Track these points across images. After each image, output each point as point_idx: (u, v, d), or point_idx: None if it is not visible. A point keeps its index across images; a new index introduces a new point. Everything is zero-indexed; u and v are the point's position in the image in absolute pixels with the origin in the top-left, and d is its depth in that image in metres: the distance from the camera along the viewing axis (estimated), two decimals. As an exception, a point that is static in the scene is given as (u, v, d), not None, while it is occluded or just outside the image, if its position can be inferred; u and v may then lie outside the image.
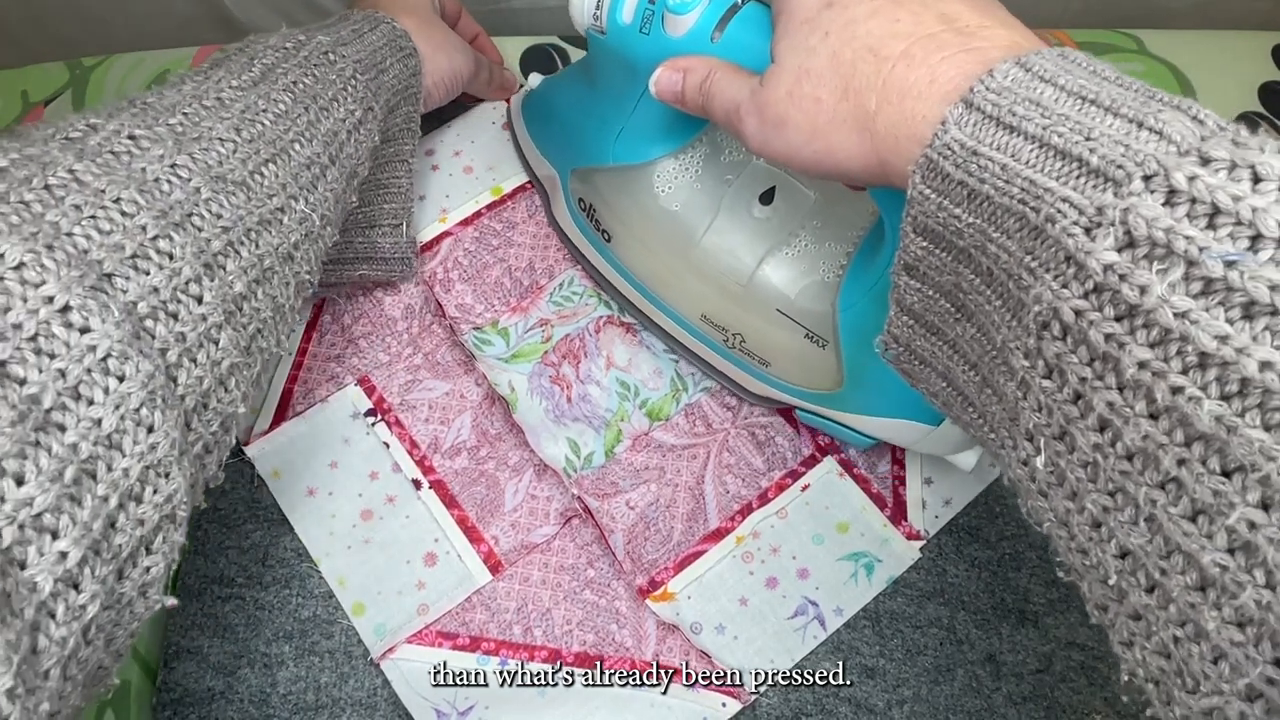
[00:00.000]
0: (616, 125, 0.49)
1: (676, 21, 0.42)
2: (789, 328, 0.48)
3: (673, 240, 0.50)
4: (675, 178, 0.50)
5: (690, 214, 0.50)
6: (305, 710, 0.47)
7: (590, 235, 0.55)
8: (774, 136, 0.36)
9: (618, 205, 0.52)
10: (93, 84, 0.67)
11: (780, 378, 0.50)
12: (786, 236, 0.48)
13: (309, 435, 0.53)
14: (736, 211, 0.49)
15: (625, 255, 0.53)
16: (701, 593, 0.49)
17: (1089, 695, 0.47)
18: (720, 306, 0.50)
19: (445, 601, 0.49)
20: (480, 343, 0.55)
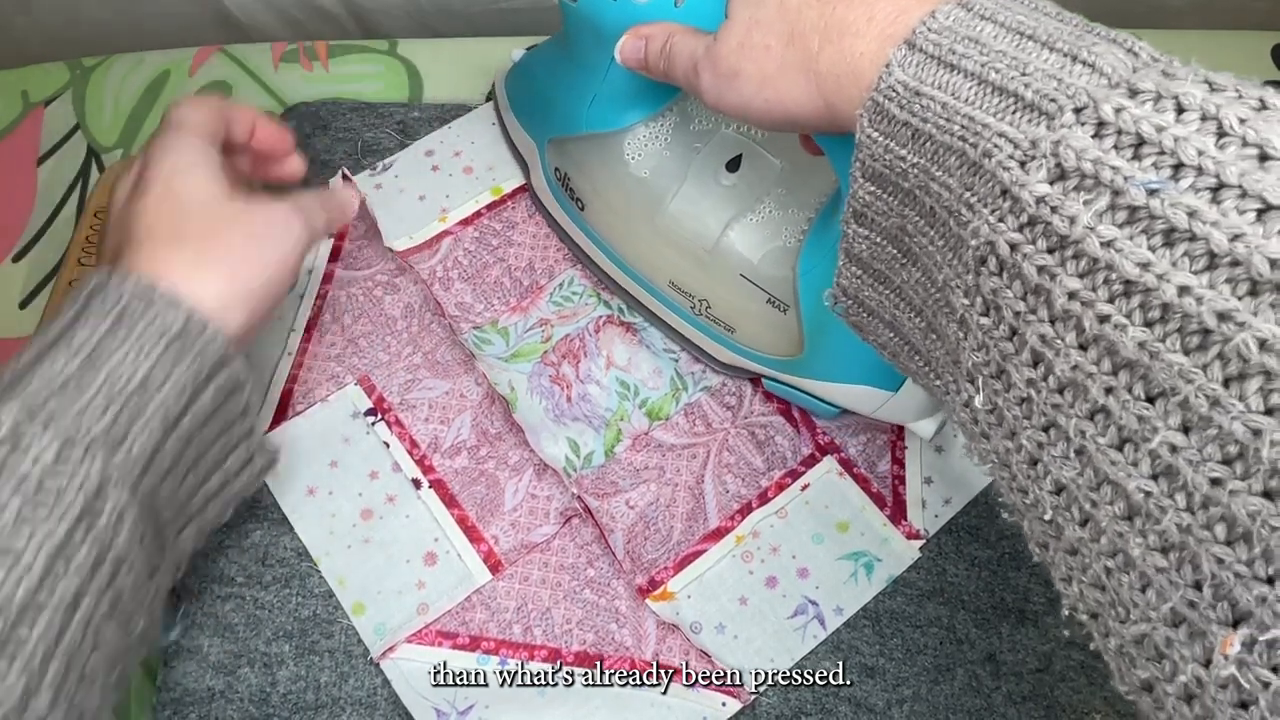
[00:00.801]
0: (589, 93, 0.50)
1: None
2: (752, 293, 0.49)
3: (642, 206, 0.52)
4: (645, 145, 0.51)
5: (659, 180, 0.51)
6: (305, 709, 0.47)
7: (565, 204, 0.56)
8: (727, 89, 0.37)
9: (590, 173, 0.53)
10: (93, 84, 0.67)
11: (745, 344, 0.51)
12: (752, 203, 0.50)
13: (309, 435, 0.53)
14: (703, 178, 0.50)
15: (597, 223, 0.54)
16: (701, 592, 0.49)
17: (1089, 695, 0.47)
18: (687, 272, 0.51)
19: (445, 601, 0.49)
20: (480, 342, 0.55)
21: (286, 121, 0.64)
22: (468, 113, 0.64)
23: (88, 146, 0.65)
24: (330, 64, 0.67)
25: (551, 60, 0.55)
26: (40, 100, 0.67)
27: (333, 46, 0.68)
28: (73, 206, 0.62)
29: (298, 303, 0.57)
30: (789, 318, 0.48)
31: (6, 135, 0.65)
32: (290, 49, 0.68)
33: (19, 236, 0.62)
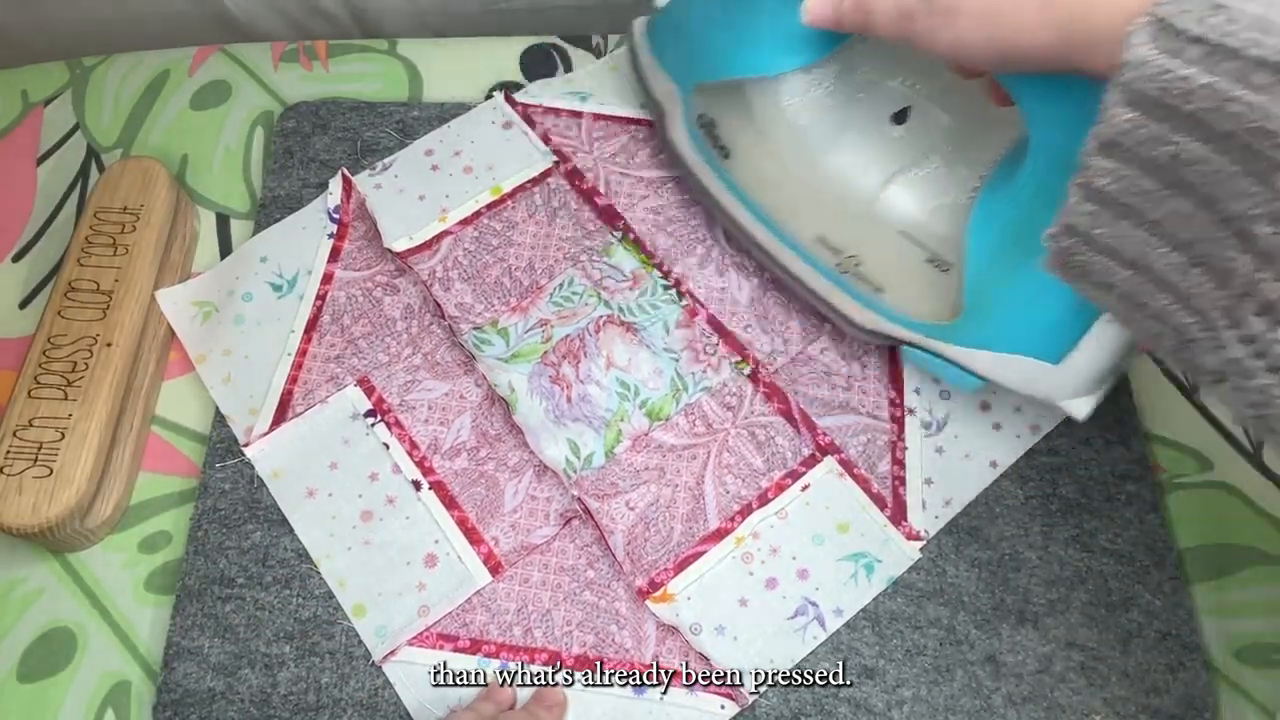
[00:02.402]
0: (750, 36, 0.49)
1: None
2: (911, 250, 0.47)
3: (796, 156, 0.50)
4: (806, 92, 0.50)
5: (818, 130, 0.50)
6: (306, 711, 0.47)
7: (706, 153, 0.54)
8: (944, 27, 0.35)
9: (741, 119, 0.51)
10: (93, 84, 0.67)
11: (893, 306, 0.49)
12: (917, 158, 0.48)
13: (309, 436, 0.53)
14: (867, 130, 0.49)
15: (742, 173, 0.52)
16: (701, 593, 0.49)
17: (1089, 695, 0.47)
18: (838, 227, 0.49)
19: (446, 603, 0.49)
20: (480, 342, 0.55)
21: (286, 121, 0.64)
22: (467, 112, 0.64)
23: (87, 146, 0.65)
24: (330, 64, 0.67)
25: (707, 2, 0.53)
26: (40, 100, 0.67)
27: (333, 46, 0.68)
28: (73, 206, 0.62)
29: (297, 303, 0.57)
30: (949, 278, 0.46)
31: (6, 135, 0.65)
32: (290, 49, 0.68)
33: (19, 236, 0.62)
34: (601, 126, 0.62)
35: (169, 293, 0.57)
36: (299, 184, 0.61)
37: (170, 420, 0.55)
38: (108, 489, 0.51)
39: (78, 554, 0.52)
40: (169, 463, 0.54)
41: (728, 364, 0.54)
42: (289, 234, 0.59)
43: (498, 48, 0.68)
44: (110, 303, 0.53)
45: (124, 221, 0.56)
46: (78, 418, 0.50)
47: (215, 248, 0.61)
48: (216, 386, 0.55)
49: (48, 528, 0.48)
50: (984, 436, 0.53)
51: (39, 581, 0.51)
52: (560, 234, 0.59)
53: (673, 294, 0.56)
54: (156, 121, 0.65)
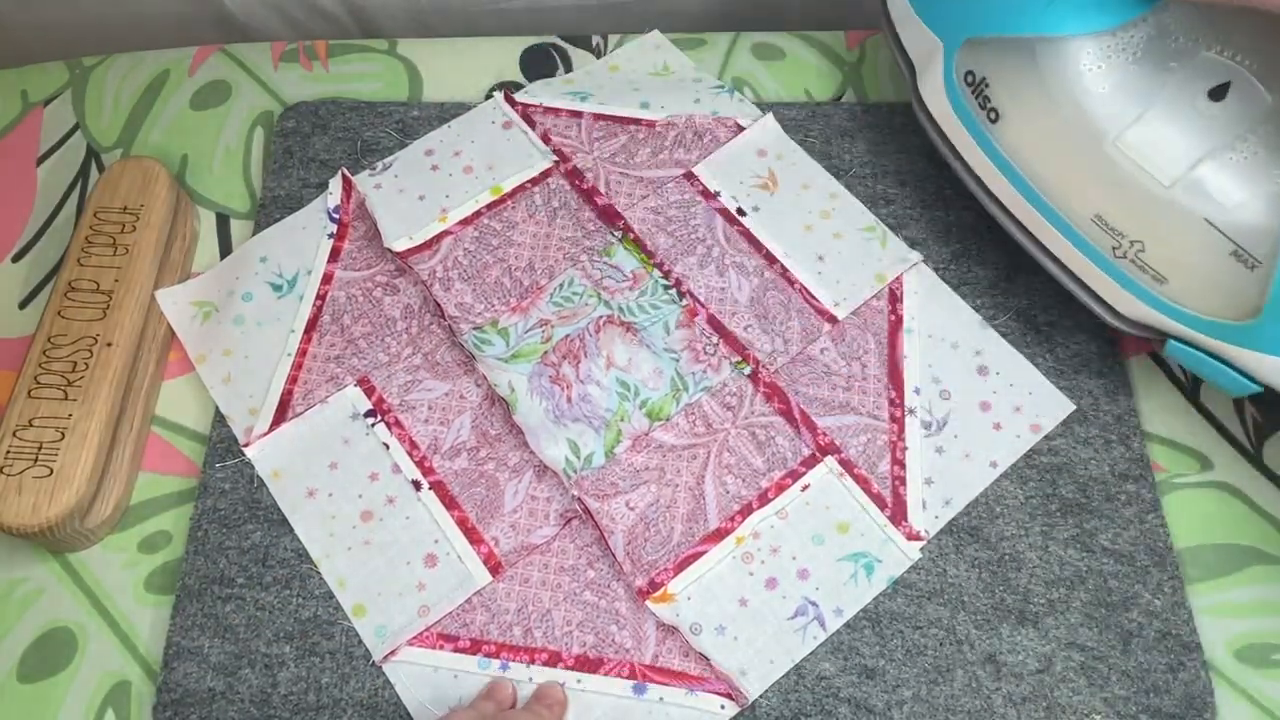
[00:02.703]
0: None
1: None
2: (1214, 241, 0.44)
3: (1087, 127, 0.46)
4: (1109, 56, 0.46)
5: (1119, 100, 0.45)
6: (306, 711, 0.47)
7: (969, 114, 0.50)
8: None
9: (1021, 81, 0.47)
10: (93, 84, 0.67)
11: (1174, 299, 0.46)
12: (1232, 140, 0.44)
13: (309, 436, 0.53)
14: (1178, 104, 0.45)
15: (1012, 138, 0.49)
16: (701, 594, 0.49)
17: (1089, 695, 0.47)
18: (1126, 208, 0.46)
19: (446, 603, 0.49)
20: (480, 342, 0.55)
21: (286, 121, 0.64)
22: (467, 112, 0.63)
23: (87, 146, 0.65)
24: (330, 63, 0.67)
25: None
26: (40, 100, 0.67)
27: (332, 46, 0.68)
28: (73, 206, 0.62)
29: (297, 303, 0.57)
30: (1255, 276, 0.42)
31: (6, 135, 0.65)
32: (290, 48, 0.68)
33: (19, 236, 0.62)
34: (601, 126, 0.62)
35: (169, 293, 0.57)
36: (299, 184, 0.61)
37: (170, 420, 0.55)
38: (108, 489, 0.51)
39: (78, 554, 0.52)
40: (169, 463, 0.54)
41: (728, 364, 0.54)
42: (289, 234, 0.59)
43: (498, 48, 0.68)
44: (110, 303, 0.53)
45: (124, 221, 0.56)
46: (78, 418, 0.50)
47: (215, 248, 0.61)
48: (216, 386, 0.55)
49: (48, 528, 0.48)
50: (984, 436, 0.53)
51: (39, 581, 0.51)
52: (560, 234, 0.59)
53: (673, 294, 0.56)
54: (156, 121, 0.65)
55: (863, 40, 0.68)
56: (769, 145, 0.62)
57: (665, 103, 0.63)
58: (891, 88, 0.66)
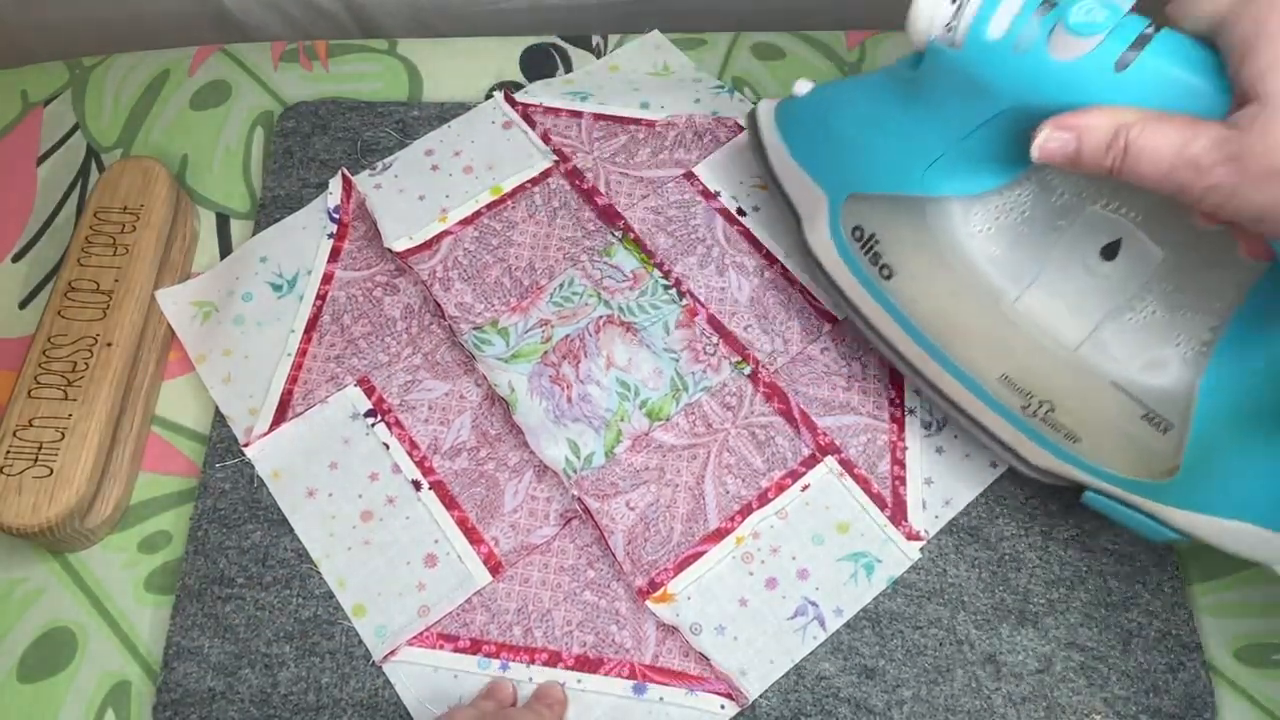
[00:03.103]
0: (933, 152, 0.43)
1: (1070, 43, 0.35)
2: (1123, 404, 0.42)
3: (984, 290, 0.44)
4: (997, 218, 0.43)
5: (1011, 263, 0.43)
6: (306, 711, 0.47)
7: (861, 268, 0.48)
8: (1256, 190, 0.31)
9: (911, 240, 0.45)
10: (92, 84, 0.67)
11: (1088, 456, 0.44)
12: (1130, 299, 0.42)
13: (308, 436, 0.53)
14: (1071, 264, 0.43)
15: (907, 297, 0.47)
16: (701, 593, 0.49)
17: (1089, 695, 0.47)
18: (1032, 370, 0.44)
19: (446, 603, 0.49)
20: (480, 342, 0.55)
21: (286, 121, 0.64)
22: (467, 112, 0.64)
23: (87, 146, 0.65)
24: (330, 63, 0.67)
25: (871, 104, 0.46)
26: (40, 100, 0.67)
27: (332, 46, 0.68)
28: (73, 206, 0.62)
29: (297, 303, 0.57)
30: (1168, 438, 0.41)
31: (6, 135, 0.65)
32: (290, 48, 0.68)
33: (19, 236, 0.62)
34: (601, 126, 0.62)
35: (169, 293, 0.57)
36: (299, 184, 0.61)
37: (170, 420, 0.55)
38: (108, 489, 0.51)
39: (78, 554, 0.52)
40: (169, 463, 0.54)
41: (728, 364, 0.54)
42: (289, 234, 0.59)
43: (498, 48, 0.68)
44: (110, 303, 0.54)
45: (124, 221, 0.56)
46: (78, 418, 0.50)
47: (215, 248, 0.61)
48: (216, 386, 0.55)
49: (48, 528, 0.48)
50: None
51: (39, 581, 0.51)
52: (560, 234, 0.59)
53: (673, 294, 0.56)
54: (156, 121, 0.65)
55: (863, 40, 0.68)
56: (769, 145, 0.62)
57: (665, 103, 0.63)
58: (891, 88, 0.66)
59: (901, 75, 0.43)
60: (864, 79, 0.48)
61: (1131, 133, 0.33)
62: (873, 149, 0.46)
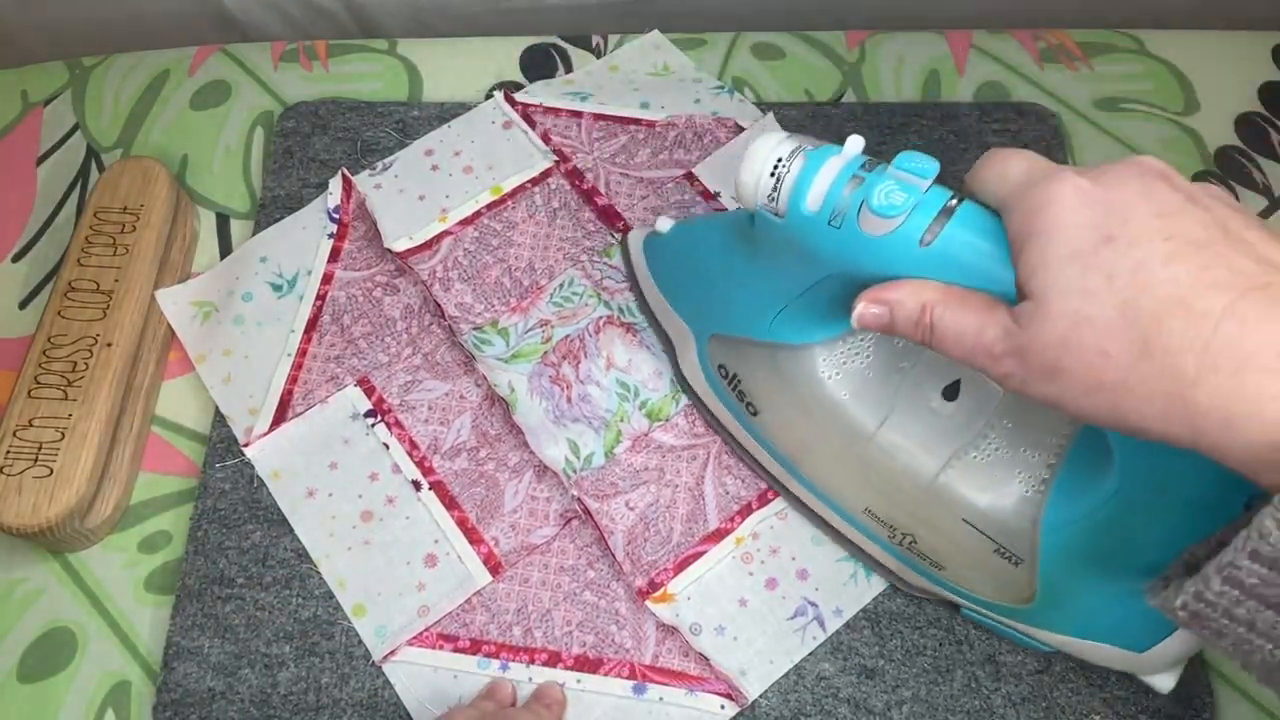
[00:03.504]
0: (778, 304, 0.44)
1: (878, 223, 0.36)
2: (976, 540, 0.43)
3: (839, 432, 0.45)
4: (843, 363, 0.45)
5: (861, 405, 0.45)
6: (306, 711, 0.47)
7: (730, 404, 0.49)
8: (1042, 383, 0.31)
9: (770, 382, 0.47)
10: (92, 84, 0.67)
11: (954, 583, 0.46)
12: (973, 437, 0.43)
13: (308, 436, 0.53)
14: (915, 405, 0.44)
15: (774, 434, 0.48)
16: (701, 594, 0.49)
17: (1088, 695, 0.47)
18: (891, 506, 0.45)
19: (446, 603, 0.49)
20: (480, 342, 0.55)
21: (286, 121, 0.64)
22: (467, 112, 0.64)
23: (87, 146, 0.65)
24: (330, 63, 0.67)
25: (723, 252, 0.47)
26: (40, 100, 0.67)
27: (332, 46, 0.68)
28: (73, 206, 0.62)
29: (297, 304, 0.57)
30: (1020, 570, 0.42)
31: (6, 135, 0.65)
32: (290, 48, 0.68)
33: (19, 236, 0.62)
34: (601, 127, 0.62)
35: (168, 293, 0.57)
36: (299, 184, 0.61)
37: (170, 420, 0.55)
38: (108, 489, 0.51)
39: (78, 554, 0.52)
40: (169, 463, 0.54)
41: (728, 364, 0.54)
42: (289, 234, 0.59)
43: (498, 48, 0.68)
44: (110, 303, 0.54)
45: (124, 221, 0.56)
46: (78, 418, 0.50)
47: (215, 248, 0.61)
48: (216, 387, 0.55)
49: (48, 528, 0.48)
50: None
51: (39, 581, 0.51)
52: (560, 234, 0.59)
53: (673, 294, 0.56)
54: (156, 121, 0.65)
55: (863, 40, 0.68)
56: (769, 145, 0.62)
57: (665, 103, 0.63)
58: (892, 88, 0.66)
59: (744, 229, 0.44)
60: (717, 222, 0.49)
61: (935, 312, 0.34)
62: (727, 295, 0.47)
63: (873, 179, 0.36)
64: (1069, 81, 0.66)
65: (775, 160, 0.39)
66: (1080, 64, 0.66)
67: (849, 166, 0.38)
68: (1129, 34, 0.68)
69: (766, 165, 0.39)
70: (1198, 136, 0.63)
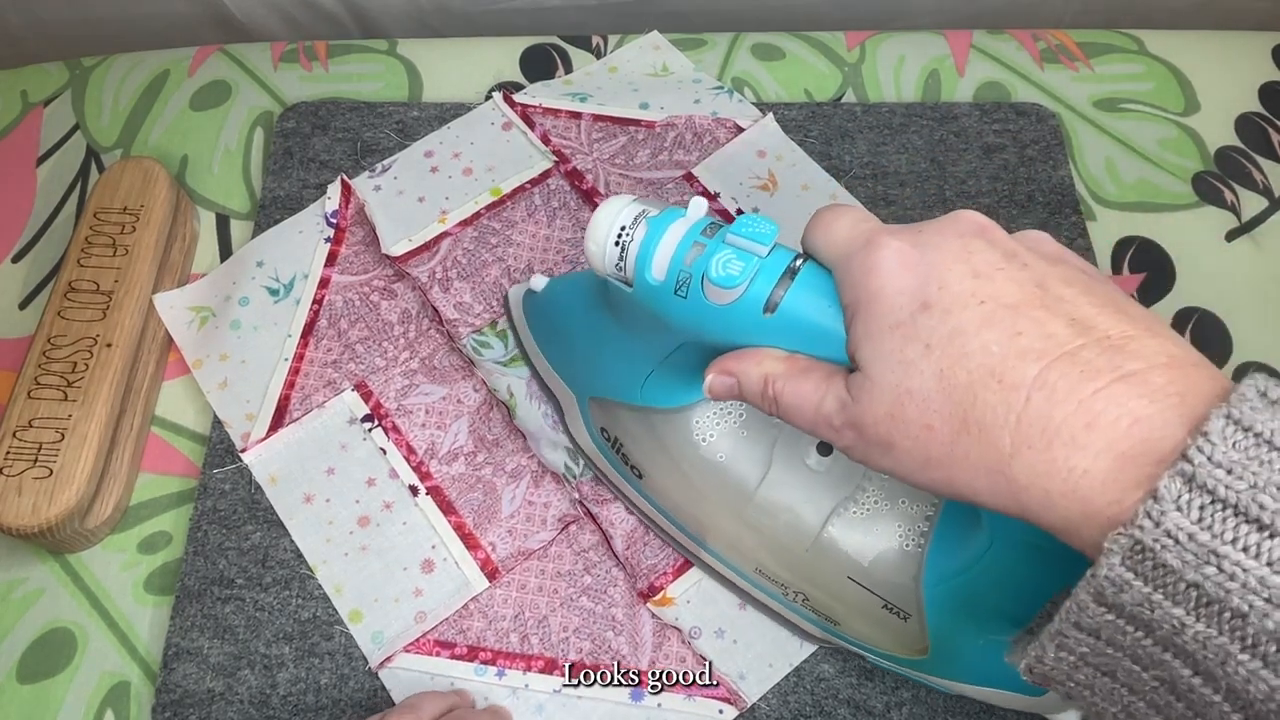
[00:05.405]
0: (645, 368, 0.43)
1: (720, 293, 0.35)
2: (863, 597, 0.43)
3: (721, 492, 0.45)
4: (717, 424, 0.45)
5: (739, 465, 0.44)
6: (305, 712, 0.47)
7: (617, 466, 0.48)
8: (879, 456, 0.31)
9: (649, 446, 0.46)
10: (92, 84, 0.67)
11: (853, 636, 0.45)
12: (852, 491, 0.43)
13: (306, 441, 0.53)
14: (791, 463, 0.44)
15: (661, 495, 0.47)
16: (700, 597, 0.49)
17: (1086, 698, 0.47)
18: (780, 565, 0.45)
19: (443, 609, 0.49)
20: (479, 345, 0.55)
21: (286, 121, 0.64)
22: (467, 113, 0.63)
23: (87, 146, 0.65)
24: (330, 64, 0.67)
25: (591, 313, 0.46)
26: (40, 100, 0.67)
27: (332, 46, 0.68)
28: (72, 206, 0.63)
29: (294, 308, 0.57)
30: (910, 625, 0.42)
31: (6, 135, 0.65)
32: (290, 48, 0.68)
33: (19, 236, 0.62)
34: (601, 127, 0.62)
35: (165, 297, 0.57)
36: (299, 184, 0.61)
37: (170, 421, 0.56)
38: (107, 489, 0.51)
39: (78, 554, 0.52)
40: (169, 463, 0.54)
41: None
42: (285, 238, 0.59)
43: (498, 48, 0.68)
44: (110, 303, 0.54)
45: (124, 222, 0.56)
46: (78, 418, 0.50)
47: (215, 248, 0.61)
48: (213, 392, 0.55)
49: (48, 528, 0.48)
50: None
51: (39, 582, 0.51)
52: (560, 235, 0.59)
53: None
54: (156, 121, 0.65)
55: (863, 40, 0.68)
56: (769, 146, 0.62)
57: (665, 103, 0.63)
58: (892, 88, 0.66)
59: (606, 290, 0.43)
60: (583, 281, 0.47)
61: (776, 385, 0.34)
62: (597, 358, 0.47)
63: (712, 246, 0.36)
64: (1069, 82, 0.65)
65: (619, 229, 0.38)
66: (1080, 64, 0.66)
67: (690, 233, 0.37)
68: (1129, 34, 0.68)
69: (611, 234, 0.39)
70: (1198, 137, 0.63)
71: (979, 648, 0.39)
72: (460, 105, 0.64)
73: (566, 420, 0.51)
